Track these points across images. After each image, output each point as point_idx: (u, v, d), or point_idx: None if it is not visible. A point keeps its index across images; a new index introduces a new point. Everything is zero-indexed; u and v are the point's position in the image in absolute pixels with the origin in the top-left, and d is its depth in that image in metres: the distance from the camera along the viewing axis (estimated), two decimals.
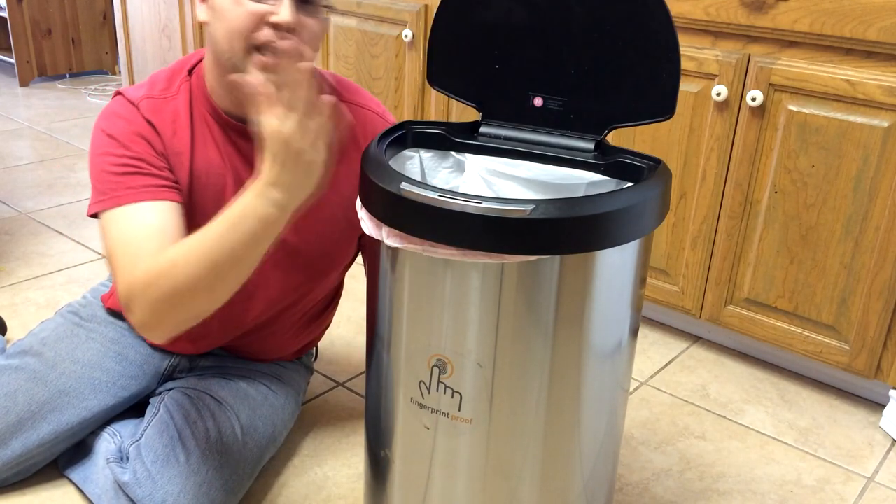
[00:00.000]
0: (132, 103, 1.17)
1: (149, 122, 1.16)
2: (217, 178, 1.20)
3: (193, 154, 1.18)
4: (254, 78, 0.92)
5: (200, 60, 1.22)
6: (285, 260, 1.25)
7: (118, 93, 1.19)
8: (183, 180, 1.17)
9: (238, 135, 1.20)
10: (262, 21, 1.05)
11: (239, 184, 1.19)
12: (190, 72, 1.21)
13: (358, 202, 1.02)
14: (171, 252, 1.02)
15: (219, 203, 1.19)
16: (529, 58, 1.10)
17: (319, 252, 1.29)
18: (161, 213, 1.10)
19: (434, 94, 2.13)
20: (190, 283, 0.99)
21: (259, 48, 1.06)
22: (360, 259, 1.35)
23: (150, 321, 1.04)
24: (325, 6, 1.11)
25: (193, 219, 1.19)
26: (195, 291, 1.00)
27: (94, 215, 1.14)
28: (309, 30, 1.08)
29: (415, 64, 2.14)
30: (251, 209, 0.96)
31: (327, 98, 0.95)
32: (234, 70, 1.07)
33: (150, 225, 1.08)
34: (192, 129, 1.18)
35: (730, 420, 1.64)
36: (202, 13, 1.12)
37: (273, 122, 0.92)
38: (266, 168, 0.95)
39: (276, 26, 1.05)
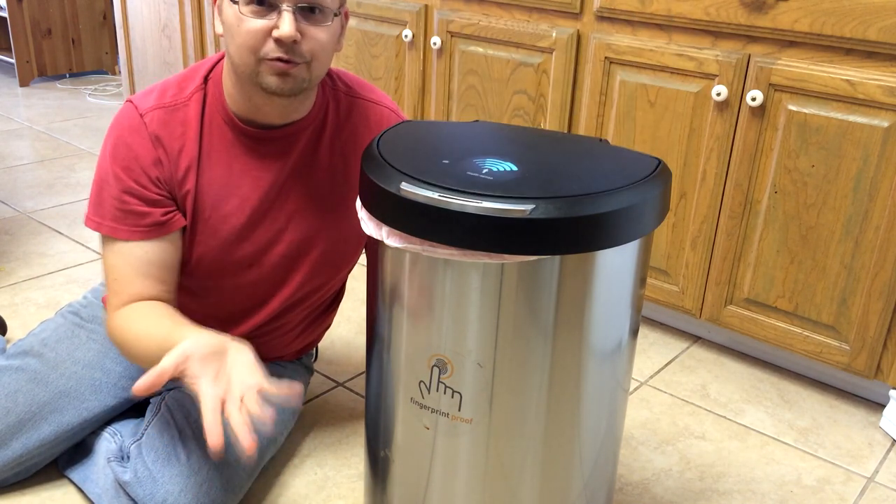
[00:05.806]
0: (140, 115, 1.17)
1: (155, 139, 1.16)
2: (219, 188, 1.21)
3: (200, 166, 1.19)
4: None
5: (215, 65, 1.22)
6: (304, 259, 1.28)
7: (129, 100, 1.20)
8: (190, 192, 1.19)
9: (252, 140, 1.20)
10: (267, 35, 1.07)
11: (243, 192, 1.21)
12: (206, 79, 1.21)
13: (358, 202, 1.02)
14: (122, 333, 1.15)
15: (217, 213, 1.20)
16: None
17: (336, 250, 1.31)
18: (149, 252, 1.17)
19: (434, 95, 2.13)
20: (135, 361, 1.16)
21: (271, 60, 1.08)
22: (361, 259, 1.35)
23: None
24: (334, 13, 1.11)
25: (195, 227, 1.21)
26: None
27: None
28: (316, 39, 1.09)
29: (415, 64, 2.14)
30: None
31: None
32: (251, 80, 1.11)
33: (137, 265, 1.17)
34: (200, 141, 1.19)
35: (730, 420, 1.64)
36: (219, 26, 1.14)
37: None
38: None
39: (278, 41, 1.06)
